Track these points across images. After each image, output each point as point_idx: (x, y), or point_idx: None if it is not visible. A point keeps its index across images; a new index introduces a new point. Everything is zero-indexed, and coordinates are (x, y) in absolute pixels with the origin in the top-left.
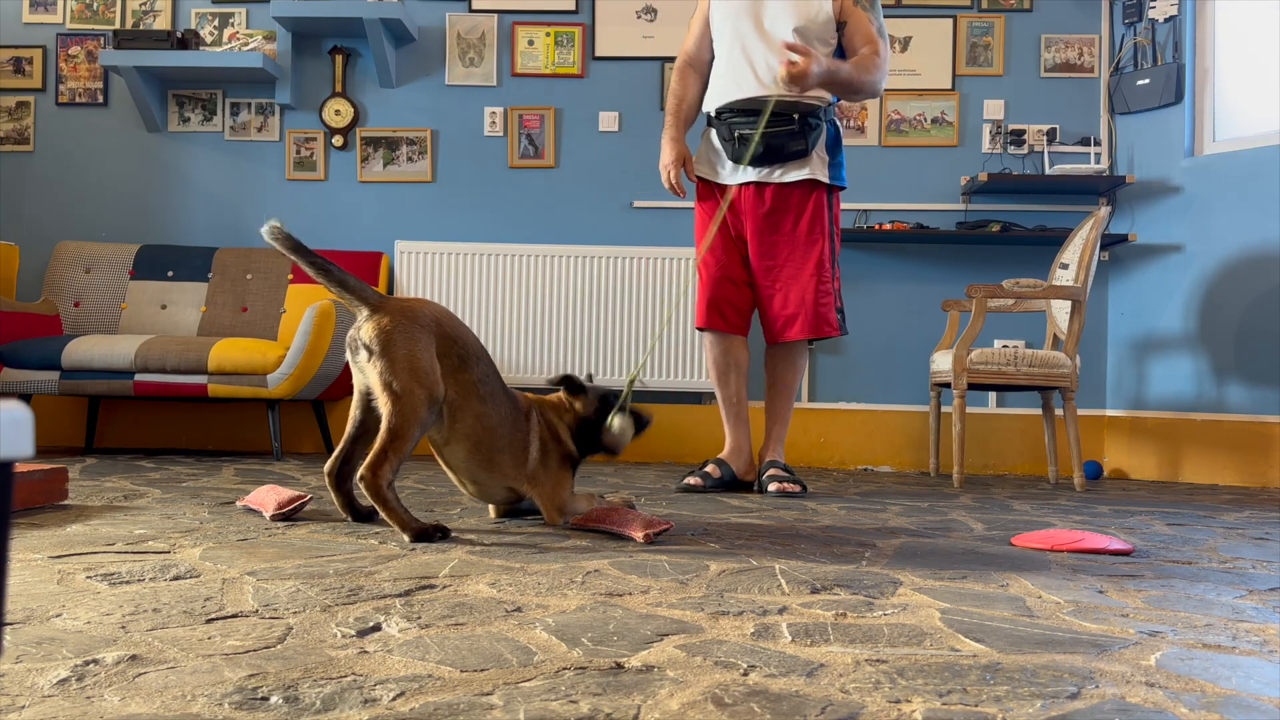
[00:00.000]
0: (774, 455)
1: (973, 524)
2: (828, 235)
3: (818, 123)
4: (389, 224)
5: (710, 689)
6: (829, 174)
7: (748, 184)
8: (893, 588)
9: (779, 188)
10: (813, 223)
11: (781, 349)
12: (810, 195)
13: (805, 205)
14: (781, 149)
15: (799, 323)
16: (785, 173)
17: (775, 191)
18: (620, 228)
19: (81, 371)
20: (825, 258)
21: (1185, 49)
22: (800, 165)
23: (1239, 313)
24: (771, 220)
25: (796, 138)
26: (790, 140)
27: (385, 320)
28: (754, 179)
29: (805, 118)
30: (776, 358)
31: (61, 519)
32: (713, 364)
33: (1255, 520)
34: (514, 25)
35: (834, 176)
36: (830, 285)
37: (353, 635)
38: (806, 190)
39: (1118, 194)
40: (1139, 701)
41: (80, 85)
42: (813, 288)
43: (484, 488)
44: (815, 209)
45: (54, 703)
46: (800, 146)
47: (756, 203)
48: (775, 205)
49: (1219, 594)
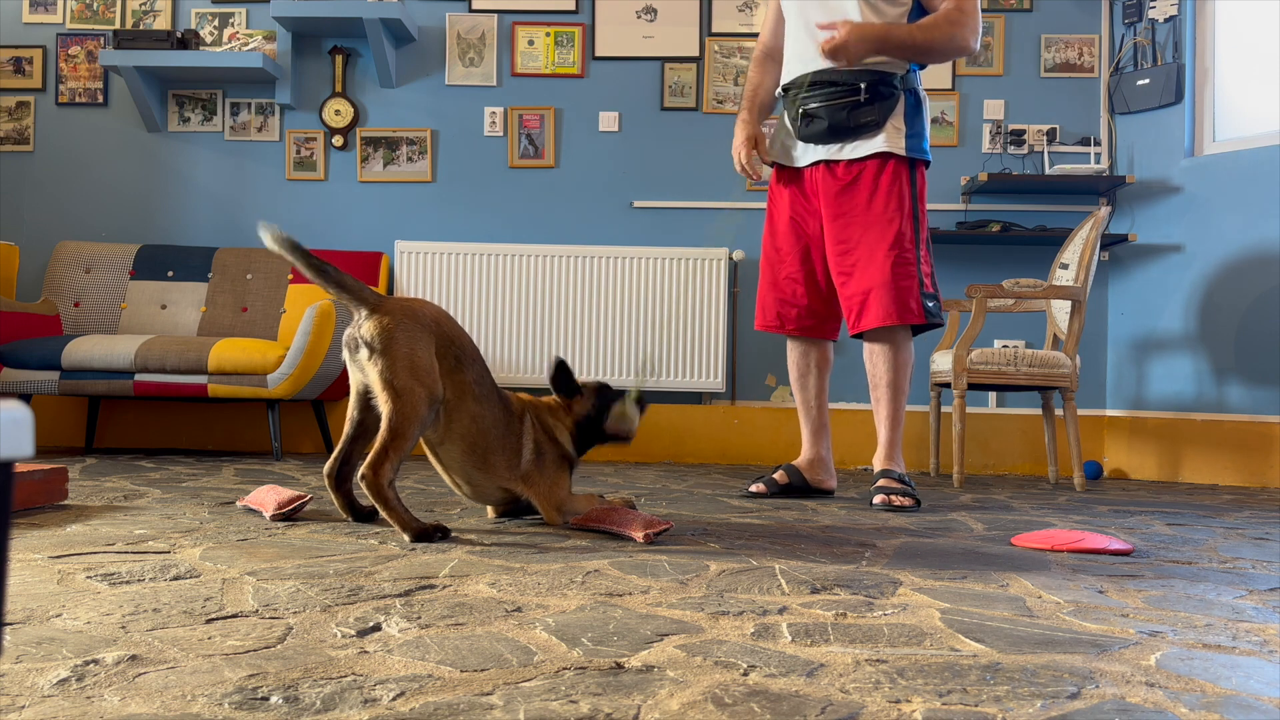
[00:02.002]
0: (883, 463)
1: (973, 524)
2: (907, 213)
3: (891, 91)
4: (389, 224)
5: (710, 689)
6: (905, 145)
7: (817, 163)
8: (893, 588)
9: (849, 163)
10: (888, 199)
11: (870, 341)
12: (884, 169)
13: (879, 181)
14: (850, 121)
15: (872, 309)
16: (856, 147)
17: (846, 168)
18: (620, 228)
19: (81, 371)
20: (905, 237)
21: (1185, 49)
22: (871, 137)
23: (1239, 313)
24: (844, 199)
25: (865, 108)
26: (858, 111)
27: (386, 319)
28: (823, 157)
29: (875, 86)
30: (868, 352)
31: (61, 519)
32: (791, 366)
33: (1255, 520)
34: (514, 25)
35: (912, 148)
36: (913, 268)
37: (353, 635)
38: (880, 164)
39: (1118, 194)
40: (1139, 701)
41: (80, 85)
42: (888, 269)
43: (479, 488)
44: (891, 184)
45: (54, 703)
46: (871, 117)
47: (828, 182)
48: (848, 182)
49: (1219, 594)
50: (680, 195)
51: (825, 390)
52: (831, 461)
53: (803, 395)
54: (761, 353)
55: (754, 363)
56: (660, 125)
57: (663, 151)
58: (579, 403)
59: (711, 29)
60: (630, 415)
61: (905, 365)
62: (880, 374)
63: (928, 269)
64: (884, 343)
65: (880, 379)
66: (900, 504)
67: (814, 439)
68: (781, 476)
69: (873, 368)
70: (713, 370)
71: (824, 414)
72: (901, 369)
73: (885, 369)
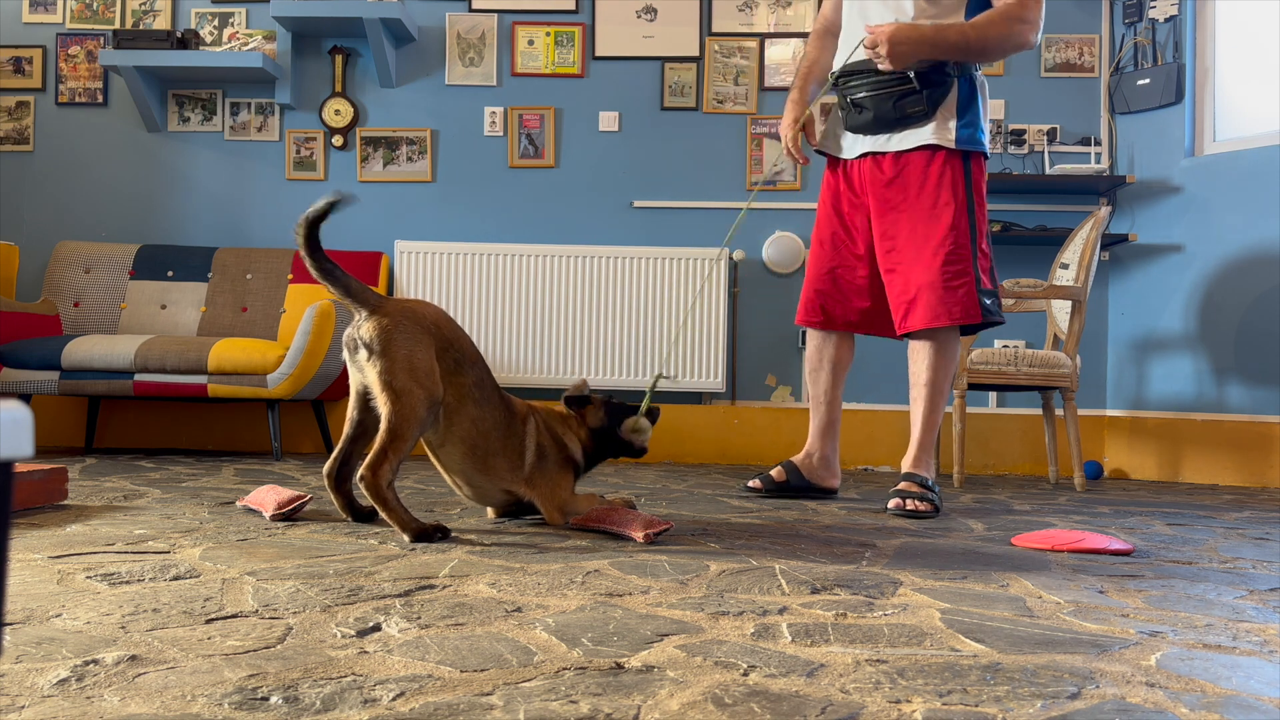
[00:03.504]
0: (910, 465)
1: (973, 524)
2: (961, 205)
3: (943, 78)
4: (389, 224)
5: (710, 689)
6: (956, 137)
7: (865, 155)
8: (893, 588)
9: (897, 156)
10: (938, 192)
11: (913, 342)
12: (934, 161)
13: (927, 174)
14: (896, 112)
15: (919, 310)
16: (903, 139)
17: (894, 160)
18: (620, 228)
19: (81, 371)
20: (960, 230)
21: (1185, 49)
22: (920, 127)
23: (1239, 313)
24: (892, 193)
25: (913, 97)
26: (906, 101)
27: (386, 320)
28: (870, 149)
29: (926, 74)
30: (912, 350)
31: (61, 519)
32: (806, 359)
33: (1255, 520)
34: (514, 25)
35: (964, 139)
36: (967, 265)
37: (353, 635)
38: (929, 157)
39: (1118, 194)
40: (1139, 701)
41: (80, 85)
42: (937, 266)
43: (480, 490)
44: (941, 177)
45: (54, 703)
46: (919, 108)
47: (875, 175)
48: (894, 175)
49: (1219, 594)
50: (680, 195)
51: (839, 387)
52: (836, 461)
53: (813, 389)
54: (761, 353)
55: (754, 363)
56: (660, 125)
57: (663, 151)
58: (590, 413)
59: (712, 29)
60: (643, 428)
61: (947, 366)
62: (920, 372)
63: (985, 264)
64: (927, 340)
65: (920, 377)
66: (915, 509)
67: (819, 435)
68: (779, 474)
69: (914, 365)
70: (713, 370)
71: (834, 411)
72: (943, 369)
73: (925, 368)
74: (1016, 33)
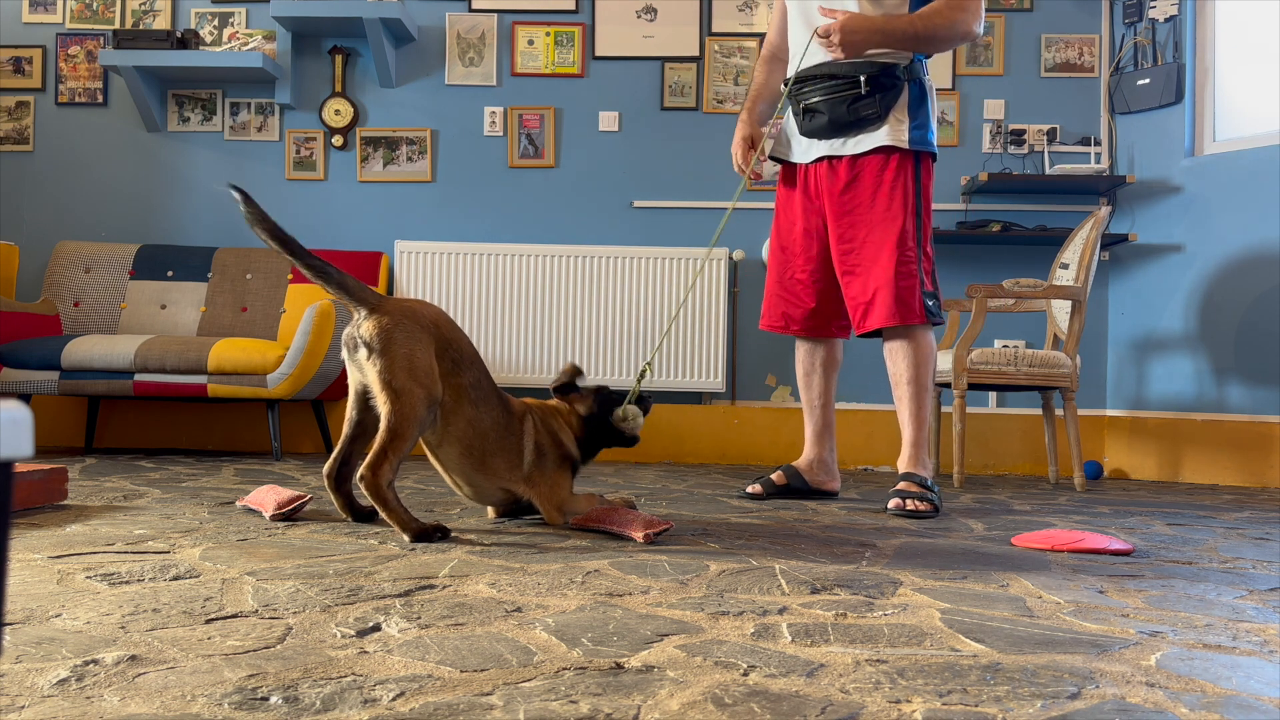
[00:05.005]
0: (906, 465)
1: (973, 524)
2: (911, 209)
3: (893, 82)
4: (389, 224)
5: (710, 689)
6: (909, 138)
7: (820, 160)
8: (893, 588)
9: (852, 160)
10: (891, 195)
11: (887, 340)
12: (888, 164)
13: (882, 176)
14: (850, 115)
15: (877, 309)
16: (858, 142)
17: (848, 164)
18: (620, 228)
19: (81, 371)
20: (908, 234)
21: (1185, 49)
22: (873, 130)
23: (1239, 313)
24: (847, 197)
25: (866, 100)
26: (859, 104)
27: (386, 319)
28: (826, 153)
29: (876, 78)
30: (888, 350)
31: (61, 519)
32: (797, 365)
33: (1255, 520)
34: (514, 25)
35: (916, 140)
36: (914, 266)
37: (353, 635)
38: (883, 159)
39: (1118, 194)
40: (1139, 701)
41: (80, 85)
42: (892, 268)
43: (479, 490)
44: (894, 179)
45: (54, 703)
46: (872, 111)
47: (830, 179)
48: (849, 179)
49: (1219, 594)
50: (680, 195)
51: (831, 391)
52: (835, 463)
53: (807, 395)
54: (761, 353)
55: (754, 363)
56: (660, 125)
57: (663, 151)
58: (579, 402)
59: (711, 29)
60: (633, 414)
61: (926, 360)
62: (901, 371)
63: (928, 266)
64: (902, 339)
65: (901, 376)
66: (915, 509)
67: (816, 440)
68: (779, 478)
69: (893, 365)
70: (713, 370)
71: (829, 415)
72: (923, 364)
73: (906, 365)
74: (959, 21)
